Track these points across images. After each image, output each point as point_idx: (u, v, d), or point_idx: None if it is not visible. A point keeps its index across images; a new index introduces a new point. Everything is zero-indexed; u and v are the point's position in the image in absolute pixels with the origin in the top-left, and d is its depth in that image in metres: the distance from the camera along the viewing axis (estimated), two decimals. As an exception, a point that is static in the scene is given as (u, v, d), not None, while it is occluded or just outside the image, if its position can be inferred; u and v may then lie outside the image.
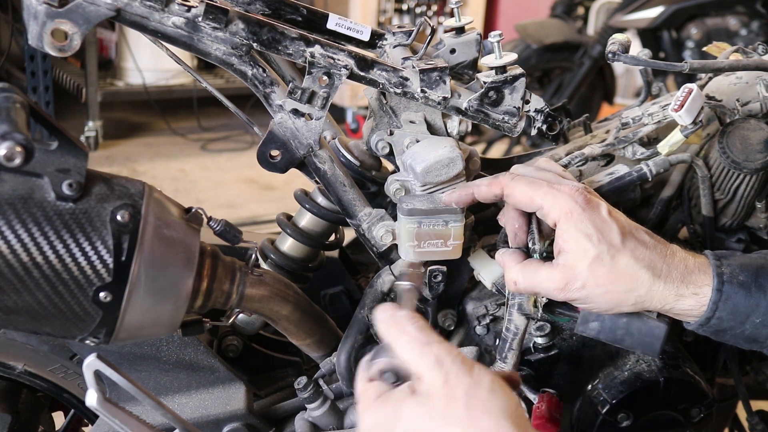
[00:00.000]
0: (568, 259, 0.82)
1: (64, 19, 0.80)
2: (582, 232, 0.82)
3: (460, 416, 0.64)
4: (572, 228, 0.82)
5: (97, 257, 0.76)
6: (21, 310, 0.77)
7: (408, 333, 0.69)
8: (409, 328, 0.69)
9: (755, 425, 1.27)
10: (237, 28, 0.86)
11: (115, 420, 0.80)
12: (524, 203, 0.85)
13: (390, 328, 0.70)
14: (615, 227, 0.83)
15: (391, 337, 0.70)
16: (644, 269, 0.82)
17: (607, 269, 0.82)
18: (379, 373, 0.70)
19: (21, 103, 0.75)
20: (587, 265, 0.81)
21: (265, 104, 0.91)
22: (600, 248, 0.81)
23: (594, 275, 0.82)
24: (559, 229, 0.83)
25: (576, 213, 0.82)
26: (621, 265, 0.82)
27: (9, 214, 0.73)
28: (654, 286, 0.82)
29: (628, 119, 1.07)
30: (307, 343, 1.06)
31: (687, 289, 0.83)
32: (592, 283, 0.82)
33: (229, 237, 0.91)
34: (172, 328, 0.86)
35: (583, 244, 0.82)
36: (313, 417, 1.03)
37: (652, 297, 0.83)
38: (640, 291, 0.82)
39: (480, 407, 0.65)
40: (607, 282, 0.82)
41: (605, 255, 0.81)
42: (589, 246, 0.81)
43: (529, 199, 0.85)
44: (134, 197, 0.80)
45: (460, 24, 1.01)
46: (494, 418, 0.64)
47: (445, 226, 0.89)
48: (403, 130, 0.97)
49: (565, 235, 0.83)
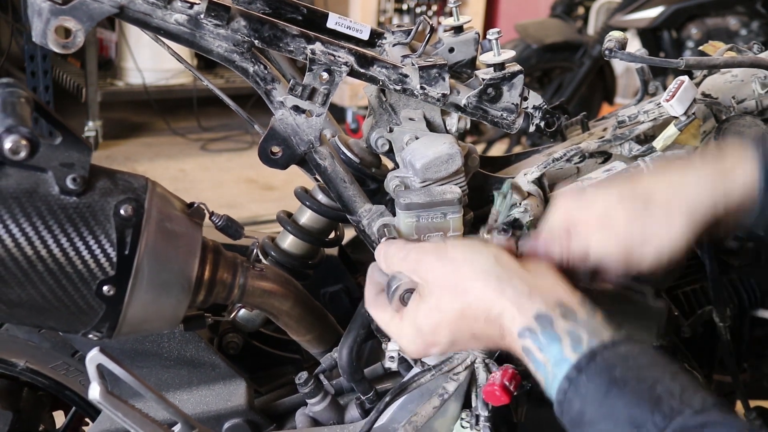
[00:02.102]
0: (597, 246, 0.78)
1: (67, 16, 0.81)
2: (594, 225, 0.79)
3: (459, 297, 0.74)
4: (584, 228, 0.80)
5: (101, 251, 0.77)
6: (25, 304, 0.77)
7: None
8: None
9: (753, 421, 1.27)
10: (239, 25, 0.87)
11: (117, 413, 0.80)
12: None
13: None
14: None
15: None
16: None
17: (642, 216, 0.77)
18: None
19: (26, 98, 0.76)
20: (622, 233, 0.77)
21: (267, 101, 0.92)
22: (618, 213, 0.78)
23: (635, 228, 0.77)
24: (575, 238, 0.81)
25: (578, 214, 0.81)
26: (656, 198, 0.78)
27: (13, 207, 0.74)
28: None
29: (624, 117, 1.08)
30: (308, 339, 1.07)
31: (730, 183, 0.76)
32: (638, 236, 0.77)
33: (231, 232, 0.92)
34: (175, 322, 0.87)
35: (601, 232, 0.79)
36: (313, 412, 1.04)
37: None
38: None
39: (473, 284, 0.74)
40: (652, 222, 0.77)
41: (634, 207, 0.77)
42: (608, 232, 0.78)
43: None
44: (137, 192, 0.80)
45: (458, 23, 1.01)
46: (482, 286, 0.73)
47: (443, 218, 0.90)
48: (402, 127, 0.98)
49: (582, 240, 0.80)
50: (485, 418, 0.94)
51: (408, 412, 0.97)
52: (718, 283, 1.13)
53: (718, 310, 1.15)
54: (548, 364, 0.67)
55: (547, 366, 0.67)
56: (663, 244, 0.76)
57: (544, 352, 0.67)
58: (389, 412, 0.98)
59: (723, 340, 1.17)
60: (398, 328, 0.79)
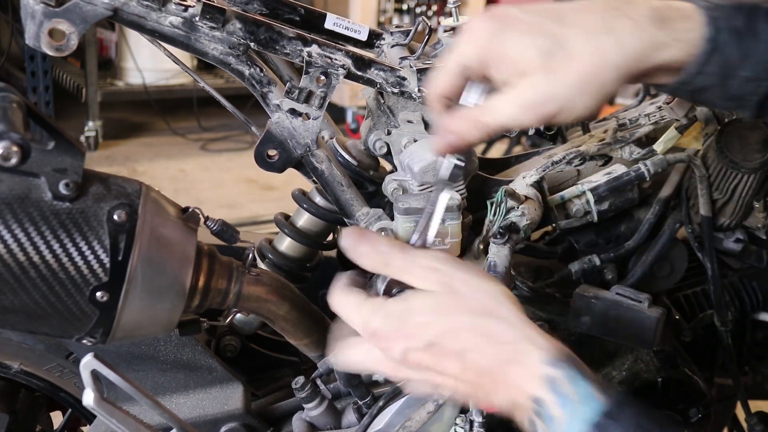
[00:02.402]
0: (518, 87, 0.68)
1: (61, 19, 0.80)
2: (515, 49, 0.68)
3: (464, 303, 0.67)
4: (504, 53, 0.69)
5: (94, 257, 0.76)
6: (18, 310, 0.77)
7: (382, 250, 0.70)
8: (381, 243, 0.70)
9: (754, 425, 1.27)
10: (234, 27, 0.86)
11: (112, 420, 0.80)
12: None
13: (360, 246, 0.70)
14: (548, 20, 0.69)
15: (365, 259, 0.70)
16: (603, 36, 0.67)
17: (564, 64, 0.67)
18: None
19: (18, 102, 0.75)
20: (542, 76, 0.67)
21: (263, 104, 0.91)
22: (543, 44, 0.67)
23: (555, 78, 0.67)
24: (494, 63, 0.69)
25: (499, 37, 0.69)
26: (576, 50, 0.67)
27: (5, 213, 0.73)
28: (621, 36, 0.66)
29: (625, 120, 1.07)
30: (305, 342, 1.06)
31: (667, 36, 0.67)
32: (560, 89, 0.67)
33: (226, 237, 0.91)
34: (170, 327, 0.86)
35: (525, 55, 0.68)
36: (310, 417, 1.03)
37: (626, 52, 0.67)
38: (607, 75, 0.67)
39: (479, 293, 0.67)
40: (572, 75, 0.67)
41: (554, 48, 0.67)
42: (531, 55, 0.67)
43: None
44: (131, 197, 0.80)
45: (458, 23, 1.01)
46: (494, 298, 0.67)
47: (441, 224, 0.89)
48: (400, 130, 0.97)
49: (501, 66, 0.69)
50: (479, 423, 0.94)
51: (403, 417, 0.96)
52: (719, 287, 1.13)
53: (719, 314, 1.15)
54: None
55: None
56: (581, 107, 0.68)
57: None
58: (385, 417, 0.97)
59: (724, 344, 1.16)
60: (372, 306, 0.69)
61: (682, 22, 0.68)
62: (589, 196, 1.03)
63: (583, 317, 0.88)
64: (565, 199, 1.03)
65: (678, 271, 1.12)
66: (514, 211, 0.93)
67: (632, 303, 0.88)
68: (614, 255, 1.08)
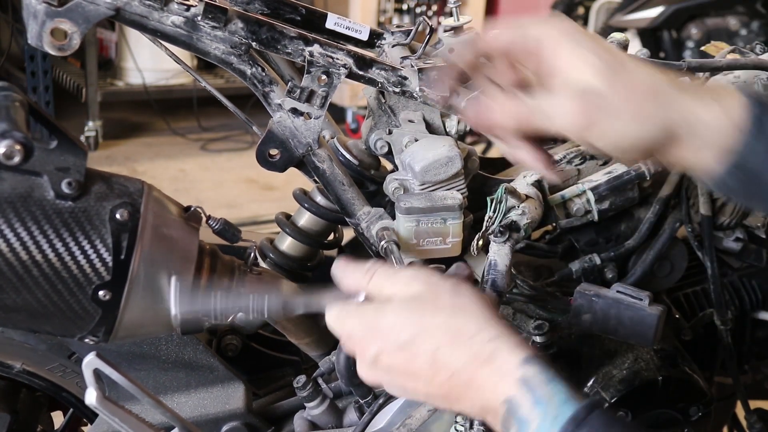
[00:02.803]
0: (572, 77, 0.67)
1: (63, 18, 0.80)
2: (584, 46, 0.68)
3: (437, 304, 0.68)
4: (574, 45, 0.68)
5: (96, 256, 0.77)
6: (20, 309, 0.77)
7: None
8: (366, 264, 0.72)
9: (753, 424, 1.27)
10: (236, 27, 0.86)
11: (114, 418, 0.80)
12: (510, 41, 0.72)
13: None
14: (616, 49, 0.70)
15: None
16: (662, 78, 0.68)
17: (620, 77, 0.67)
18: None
19: (20, 101, 0.75)
20: (597, 75, 0.66)
21: (264, 103, 0.91)
22: (606, 58, 0.67)
23: (608, 84, 0.66)
24: (560, 49, 0.68)
25: (576, 32, 0.69)
26: (635, 74, 0.67)
27: (8, 212, 0.73)
28: (678, 96, 0.67)
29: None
30: (306, 341, 1.06)
31: (714, 103, 0.66)
32: (609, 94, 0.66)
33: (228, 236, 0.91)
34: (171, 326, 0.86)
35: (587, 56, 0.67)
36: (312, 416, 1.03)
37: (676, 104, 0.66)
38: (663, 98, 0.67)
39: (453, 296, 0.68)
40: (627, 90, 0.66)
41: (615, 64, 0.67)
42: (595, 59, 0.67)
43: (518, 32, 0.71)
44: (133, 196, 0.80)
45: (458, 23, 1.01)
46: (468, 298, 0.68)
47: (443, 223, 0.90)
48: (401, 129, 0.97)
49: (565, 53, 0.68)
50: (479, 421, 0.94)
51: (404, 415, 0.97)
52: (719, 286, 1.13)
53: (719, 313, 1.15)
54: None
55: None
56: (622, 128, 0.67)
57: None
58: (386, 415, 0.97)
59: (724, 343, 1.16)
60: (347, 311, 0.71)
61: (726, 98, 0.67)
62: (589, 195, 1.03)
63: (584, 315, 0.88)
64: (566, 198, 1.03)
65: (678, 270, 1.13)
66: (515, 209, 0.93)
67: (633, 301, 0.88)
68: (615, 254, 1.08)
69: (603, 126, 0.67)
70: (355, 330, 0.70)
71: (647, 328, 0.86)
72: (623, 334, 0.87)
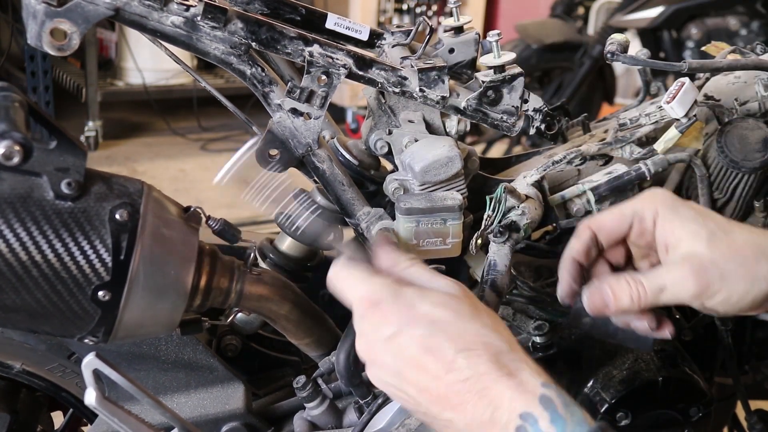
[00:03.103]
0: (681, 249, 0.74)
1: (63, 18, 0.80)
2: (684, 217, 0.76)
3: (485, 322, 0.68)
4: (674, 216, 0.76)
5: (96, 256, 0.77)
6: (20, 309, 0.77)
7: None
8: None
9: (754, 424, 1.27)
10: (236, 27, 0.86)
11: (114, 419, 0.80)
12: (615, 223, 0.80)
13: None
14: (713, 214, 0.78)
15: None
16: (761, 236, 0.75)
17: (726, 242, 0.74)
18: None
19: (20, 102, 0.75)
20: (705, 245, 0.73)
21: (264, 103, 0.91)
22: (709, 225, 0.75)
23: (717, 251, 0.73)
24: (661, 221, 0.77)
25: (675, 203, 0.77)
26: (737, 237, 0.74)
27: (8, 213, 0.73)
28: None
29: (625, 120, 1.07)
30: (306, 342, 1.06)
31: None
32: (721, 261, 0.73)
33: (227, 236, 0.91)
34: (171, 327, 0.86)
35: (690, 226, 0.75)
36: (311, 416, 1.03)
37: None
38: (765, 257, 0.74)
39: (500, 324, 0.70)
40: (734, 253, 0.73)
41: (717, 231, 0.74)
42: (697, 226, 0.74)
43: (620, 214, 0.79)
44: (133, 196, 0.80)
45: (458, 23, 1.01)
46: (510, 336, 0.69)
47: (443, 224, 0.90)
48: (401, 130, 0.97)
49: (667, 225, 0.76)
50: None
51: (403, 415, 0.96)
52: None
53: (719, 313, 1.15)
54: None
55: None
56: (741, 291, 0.73)
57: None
58: (386, 415, 0.97)
59: (724, 343, 1.16)
60: (384, 282, 0.70)
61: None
62: (589, 195, 1.03)
63: (584, 319, 0.88)
64: (566, 199, 1.03)
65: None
66: (515, 210, 0.93)
67: None
68: (615, 255, 1.08)
69: (722, 291, 0.73)
70: (385, 298, 0.69)
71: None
72: (622, 339, 0.87)
